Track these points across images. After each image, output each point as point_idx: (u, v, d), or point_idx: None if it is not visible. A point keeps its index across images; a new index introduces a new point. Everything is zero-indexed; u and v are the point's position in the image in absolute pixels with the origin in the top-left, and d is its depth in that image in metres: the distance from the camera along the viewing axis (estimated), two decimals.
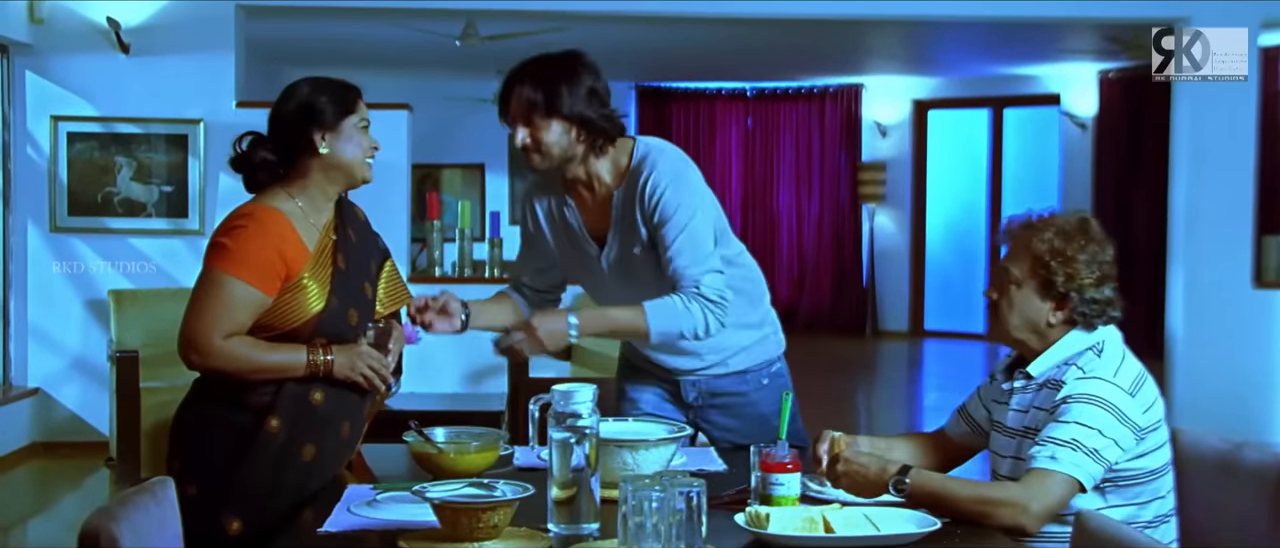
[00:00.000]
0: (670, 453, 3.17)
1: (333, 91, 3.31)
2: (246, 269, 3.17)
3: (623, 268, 3.68)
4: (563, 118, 3.53)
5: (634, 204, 3.60)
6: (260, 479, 3.18)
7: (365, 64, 13.14)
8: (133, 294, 8.02)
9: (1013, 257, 3.15)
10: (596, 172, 3.64)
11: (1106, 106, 13.66)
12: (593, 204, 3.69)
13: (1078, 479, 2.89)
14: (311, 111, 3.27)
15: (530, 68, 3.57)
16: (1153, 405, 3.03)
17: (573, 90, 3.52)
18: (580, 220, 3.71)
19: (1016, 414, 3.15)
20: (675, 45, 12.23)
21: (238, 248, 3.18)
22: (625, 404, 3.90)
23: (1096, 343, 3.08)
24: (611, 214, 3.65)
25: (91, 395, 8.26)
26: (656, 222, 3.56)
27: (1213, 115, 8.53)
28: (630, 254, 3.64)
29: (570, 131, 3.55)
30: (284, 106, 3.31)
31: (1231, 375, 8.50)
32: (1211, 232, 8.58)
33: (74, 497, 7.52)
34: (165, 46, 8.20)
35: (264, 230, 3.20)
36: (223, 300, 3.17)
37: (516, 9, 8.71)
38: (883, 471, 2.93)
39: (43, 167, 8.23)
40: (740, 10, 8.44)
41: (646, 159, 3.62)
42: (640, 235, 3.61)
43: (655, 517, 2.47)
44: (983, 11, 8.77)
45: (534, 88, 3.52)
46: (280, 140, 3.31)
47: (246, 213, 3.25)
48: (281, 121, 3.31)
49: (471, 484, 2.81)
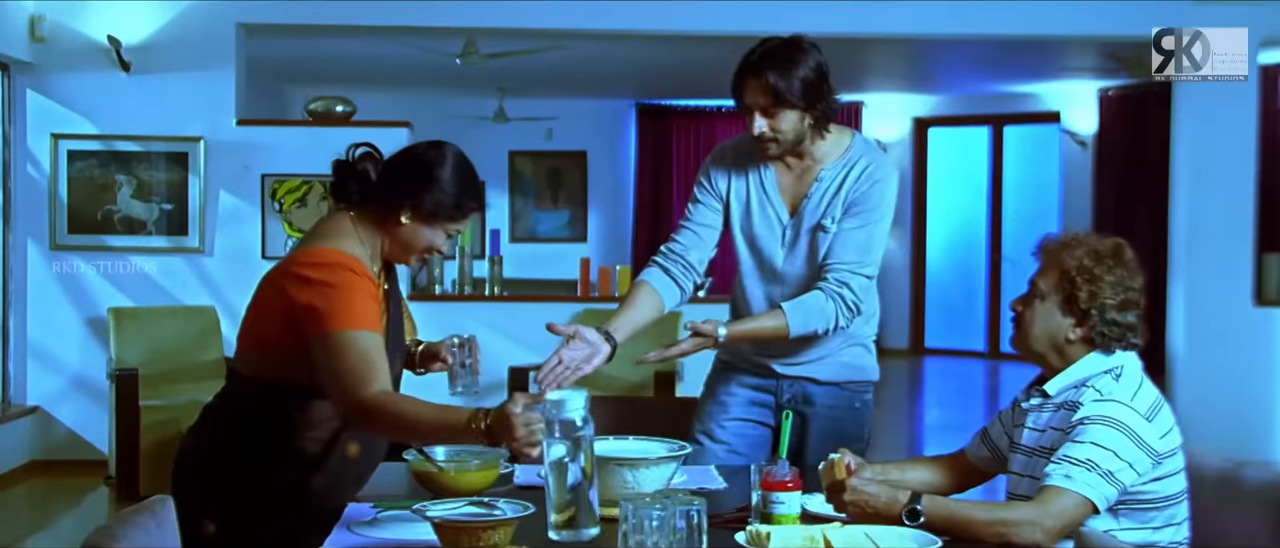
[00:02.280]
0: (671, 472, 3.16)
1: (459, 191, 3.15)
2: (359, 320, 2.99)
3: (806, 238, 3.73)
4: (796, 106, 3.59)
5: (845, 183, 3.68)
6: (290, 525, 3.14)
7: (366, 82, 13.16)
8: (132, 312, 8.02)
9: (1043, 271, 3.16)
10: (811, 149, 3.71)
11: (1106, 124, 13.66)
12: (796, 172, 3.75)
13: (1092, 500, 2.87)
14: (427, 187, 3.12)
15: (765, 58, 3.60)
16: (1170, 432, 3.02)
17: (805, 77, 3.59)
18: (778, 185, 3.77)
19: (1033, 433, 3.14)
20: (675, 63, 12.23)
21: (340, 304, 2.99)
22: (714, 406, 3.92)
23: (1115, 367, 3.07)
24: (816, 188, 3.71)
25: (91, 414, 8.25)
26: (851, 204, 3.66)
27: (1213, 133, 8.53)
28: (822, 227, 3.70)
29: (804, 118, 3.62)
30: (417, 159, 3.17)
31: (1232, 394, 8.49)
32: (1212, 249, 8.57)
33: (73, 515, 7.50)
34: (166, 64, 8.21)
35: (357, 280, 3.05)
36: (359, 355, 2.96)
37: (517, 27, 8.72)
38: (892, 501, 2.90)
39: (43, 184, 8.23)
40: (740, 28, 8.44)
41: (870, 150, 3.77)
42: (837, 210, 3.69)
43: (656, 536, 2.47)
44: (983, 30, 8.77)
45: (776, 76, 3.57)
46: (386, 177, 3.18)
47: (334, 264, 3.05)
48: (401, 164, 3.18)
49: (472, 503, 2.81)
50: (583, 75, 13.23)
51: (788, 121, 3.61)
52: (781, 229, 3.77)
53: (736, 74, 3.66)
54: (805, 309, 3.64)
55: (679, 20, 8.53)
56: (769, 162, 3.77)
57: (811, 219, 3.73)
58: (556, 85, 13.82)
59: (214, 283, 8.16)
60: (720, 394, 3.94)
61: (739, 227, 3.84)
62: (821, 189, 3.72)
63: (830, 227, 3.70)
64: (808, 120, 3.64)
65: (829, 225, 3.70)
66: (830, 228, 3.70)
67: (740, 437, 3.89)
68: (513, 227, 15.49)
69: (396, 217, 3.15)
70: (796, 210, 3.76)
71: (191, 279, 8.25)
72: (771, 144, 3.65)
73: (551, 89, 14.10)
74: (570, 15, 8.49)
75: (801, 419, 3.83)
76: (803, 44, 3.64)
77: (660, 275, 3.84)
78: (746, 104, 3.63)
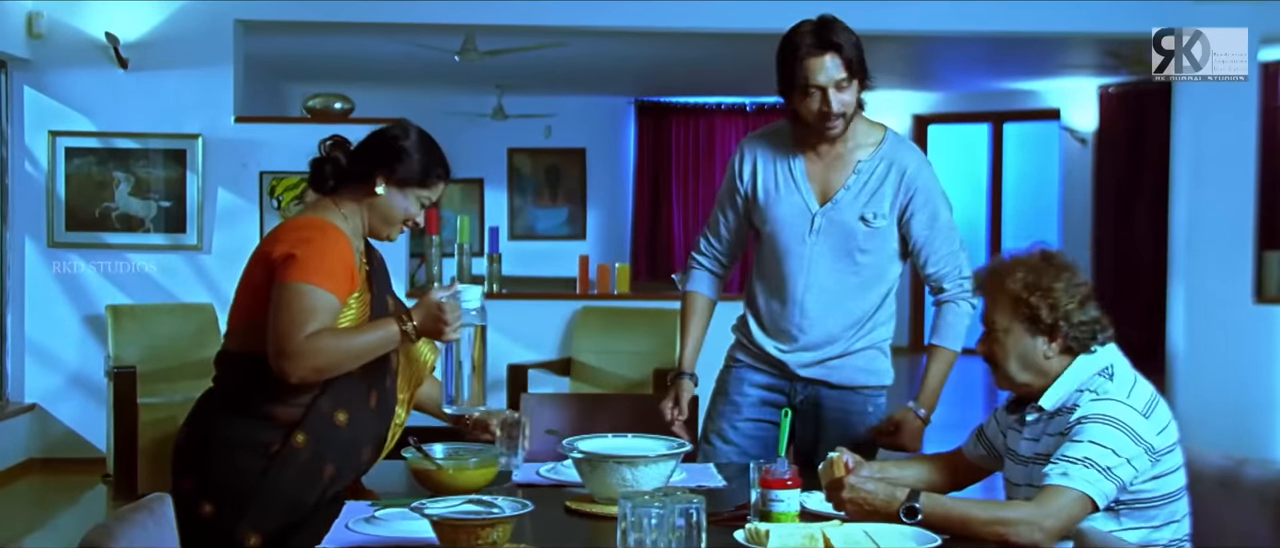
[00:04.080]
0: (670, 469, 3.15)
1: (425, 158, 3.34)
2: (320, 276, 3.12)
3: (835, 230, 3.74)
4: (859, 76, 3.63)
5: (887, 180, 3.70)
6: (282, 494, 3.14)
7: (364, 79, 13.14)
8: (130, 310, 8.00)
9: (992, 306, 3.15)
10: (851, 131, 3.71)
11: (1107, 121, 13.64)
12: (828, 160, 3.75)
13: (1091, 496, 2.87)
14: (396, 157, 3.30)
15: (835, 34, 3.60)
16: (1167, 428, 3.02)
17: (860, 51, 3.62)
18: (807, 173, 3.76)
19: (1030, 442, 3.14)
20: (674, 60, 12.22)
21: (310, 258, 3.13)
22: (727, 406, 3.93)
23: (1106, 367, 3.07)
24: (855, 179, 3.72)
25: (88, 411, 8.23)
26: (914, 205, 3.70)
27: (1214, 130, 8.52)
28: (855, 221, 3.71)
29: (858, 91, 3.66)
30: (382, 135, 3.35)
31: (1233, 392, 8.47)
32: (1212, 247, 8.56)
33: (71, 513, 7.48)
34: (163, 61, 8.19)
35: (334, 242, 3.20)
36: (303, 307, 3.09)
37: (516, 24, 8.70)
38: (891, 499, 2.90)
39: (40, 181, 8.22)
40: (739, 25, 8.43)
41: (904, 142, 3.81)
42: (883, 205, 3.70)
43: (655, 534, 2.47)
44: (982, 26, 8.75)
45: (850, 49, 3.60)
46: (357, 157, 3.34)
47: (313, 225, 3.23)
48: (369, 144, 3.35)
49: (470, 501, 2.81)
50: (582, 72, 13.22)
51: (852, 94, 3.63)
52: (810, 217, 3.76)
53: (797, 57, 3.60)
54: (954, 330, 3.81)
55: (678, 17, 8.51)
56: (800, 150, 3.77)
57: (850, 210, 3.72)
58: (555, 82, 13.80)
59: (212, 280, 8.14)
60: (733, 394, 3.94)
61: (763, 213, 3.82)
62: (861, 181, 3.72)
63: (872, 221, 3.71)
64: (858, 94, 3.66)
65: (871, 220, 3.71)
66: (873, 223, 3.71)
67: (752, 438, 3.89)
68: (511, 224, 15.48)
69: (371, 188, 3.30)
70: (828, 198, 3.75)
71: (190, 277, 8.23)
72: (840, 120, 3.64)
73: (550, 86, 14.09)
74: (569, 12, 8.47)
75: (815, 422, 3.83)
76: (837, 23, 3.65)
77: (707, 278, 3.99)
78: (816, 84, 3.59)
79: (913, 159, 3.75)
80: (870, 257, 3.75)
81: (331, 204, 3.33)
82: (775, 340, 3.84)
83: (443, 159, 3.38)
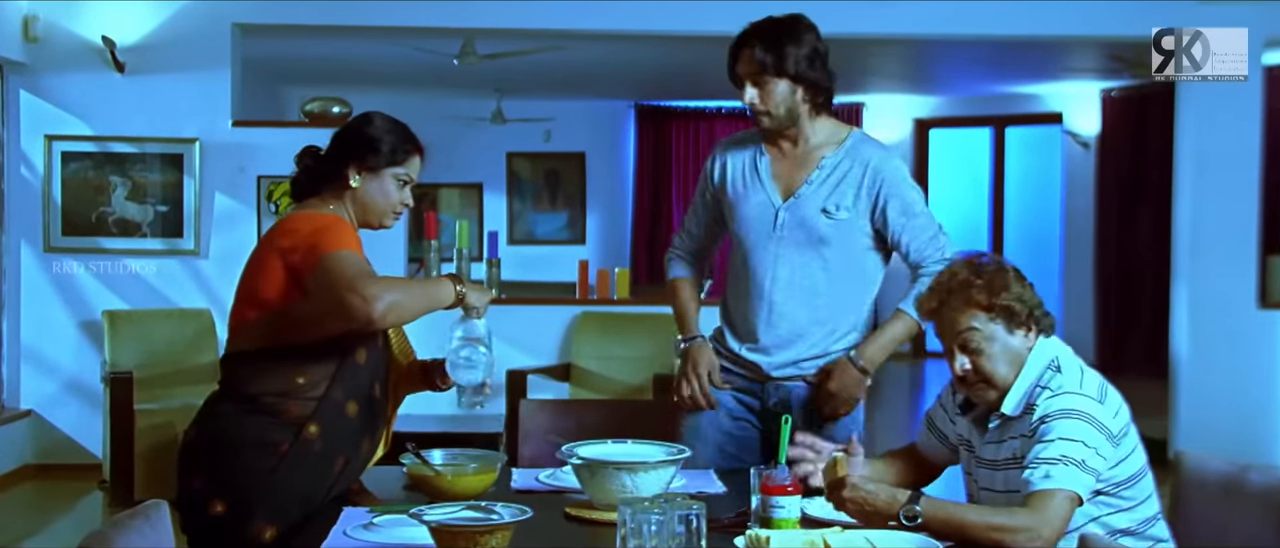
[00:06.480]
0: (669, 476, 3.13)
1: (393, 139, 3.36)
2: (355, 246, 3.16)
3: (798, 224, 3.77)
4: (789, 77, 3.68)
5: (850, 174, 3.74)
6: (296, 486, 3.15)
7: (363, 83, 13.14)
8: (127, 315, 7.98)
9: (961, 323, 3.12)
10: (808, 130, 3.79)
11: (1109, 125, 13.64)
12: (792, 158, 3.81)
13: (1077, 492, 2.90)
14: (362, 145, 3.34)
15: (758, 30, 3.74)
16: (1120, 410, 3.07)
17: (798, 50, 3.69)
18: (772, 171, 3.83)
19: (994, 446, 3.16)
20: (674, 64, 12.22)
21: (339, 233, 3.17)
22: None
23: (1051, 359, 3.12)
24: (817, 174, 3.77)
25: (85, 417, 8.21)
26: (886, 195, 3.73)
27: (1217, 134, 8.51)
28: (816, 214, 3.75)
29: (796, 90, 3.71)
30: (347, 128, 3.39)
31: (1236, 397, 8.46)
32: (1216, 251, 8.55)
33: (67, 520, 7.48)
34: (161, 65, 8.17)
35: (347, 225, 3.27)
36: (356, 261, 3.10)
37: (515, 28, 8.69)
38: (892, 500, 2.89)
39: (36, 186, 8.20)
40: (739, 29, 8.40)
41: (871, 139, 3.86)
42: (846, 198, 3.74)
43: (655, 540, 2.48)
44: (984, 30, 8.74)
45: (763, 49, 3.70)
46: (327, 157, 3.38)
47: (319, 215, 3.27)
48: (335, 141, 3.39)
49: (469, 507, 2.81)
50: (581, 76, 13.22)
51: (779, 94, 3.71)
52: (774, 212, 3.80)
53: (730, 48, 3.79)
54: None
55: (678, 21, 8.49)
56: (766, 147, 3.85)
57: (811, 204, 3.76)
58: (555, 86, 13.80)
59: (209, 285, 8.12)
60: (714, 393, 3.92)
61: (732, 211, 3.88)
62: (823, 175, 3.77)
63: (835, 213, 3.74)
64: (800, 95, 3.71)
65: (833, 211, 3.74)
66: (835, 215, 3.74)
67: (730, 437, 3.90)
68: (511, 228, 15.48)
69: (347, 181, 3.33)
70: (791, 194, 3.79)
71: (186, 282, 8.21)
72: (764, 117, 3.75)
73: (549, 90, 14.10)
74: (568, 16, 8.46)
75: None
76: (799, 21, 3.75)
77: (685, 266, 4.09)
78: (738, 74, 3.76)
79: (877, 152, 3.81)
80: (834, 248, 3.77)
81: (320, 203, 3.36)
82: (747, 343, 3.87)
83: (411, 135, 3.42)
